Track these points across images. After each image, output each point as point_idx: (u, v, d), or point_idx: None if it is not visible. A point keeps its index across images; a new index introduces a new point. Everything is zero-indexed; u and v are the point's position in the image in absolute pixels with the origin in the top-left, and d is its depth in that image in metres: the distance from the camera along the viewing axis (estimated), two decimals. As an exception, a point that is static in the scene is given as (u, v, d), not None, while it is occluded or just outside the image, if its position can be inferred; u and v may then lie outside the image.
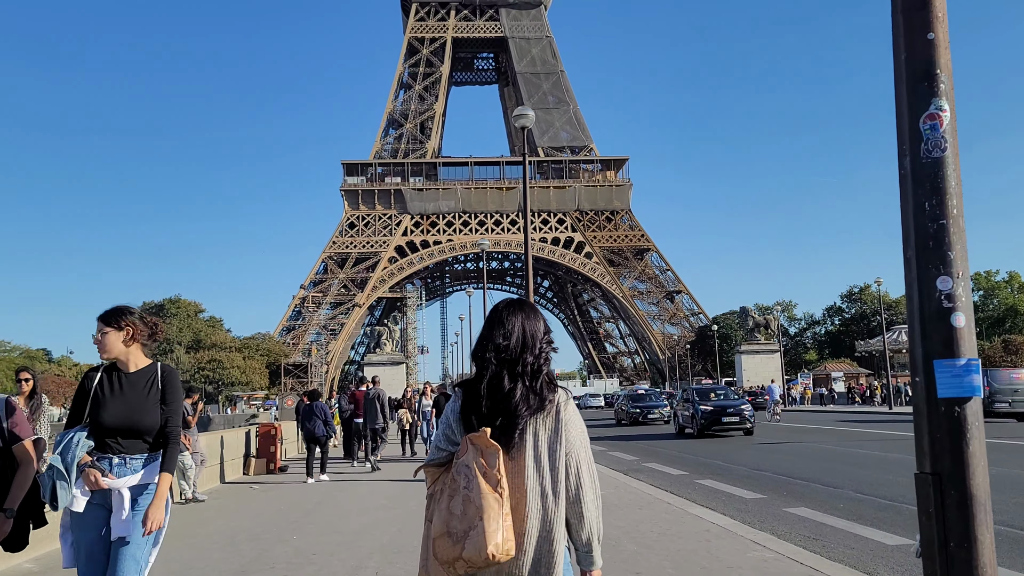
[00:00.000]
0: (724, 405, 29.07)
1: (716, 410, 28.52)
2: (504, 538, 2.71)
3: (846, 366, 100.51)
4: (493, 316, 3.06)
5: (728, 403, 29.41)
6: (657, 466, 19.32)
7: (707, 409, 28.63)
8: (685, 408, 30.39)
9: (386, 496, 13.57)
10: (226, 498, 14.29)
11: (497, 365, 2.94)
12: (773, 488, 14.38)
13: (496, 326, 3.01)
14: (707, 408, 28.72)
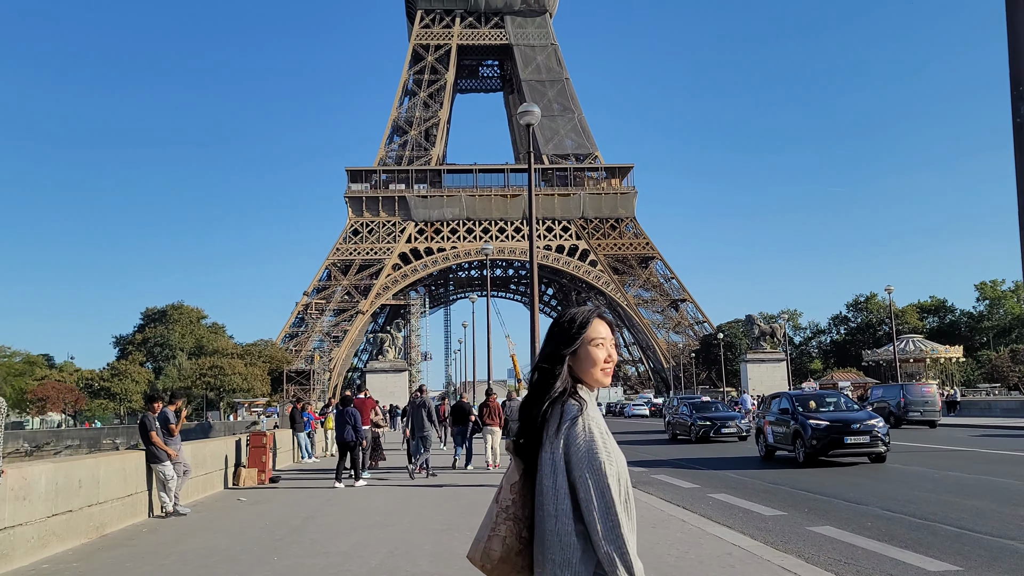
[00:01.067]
0: (845, 419, 20.37)
1: (835, 426, 19.96)
2: (487, 548, 2.74)
3: (853, 376, 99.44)
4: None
5: (850, 416, 20.74)
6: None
7: (821, 424, 20.13)
8: (780, 423, 21.82)
9: (381, 511, 12.71)
10: (210, 511, 13.42)
11: (531, 381, 2.90)
12: (792, 504, 13.51)
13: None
14: (820, 423, 20.19)
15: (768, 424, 22.68)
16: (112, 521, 11.01)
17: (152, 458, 12.28)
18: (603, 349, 2.80)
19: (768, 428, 22.66)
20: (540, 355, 2.88)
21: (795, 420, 20.94)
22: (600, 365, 2.79)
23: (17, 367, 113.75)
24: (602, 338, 2.82)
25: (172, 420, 12.93)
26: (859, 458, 20.59)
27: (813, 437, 20.04)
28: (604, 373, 2.80)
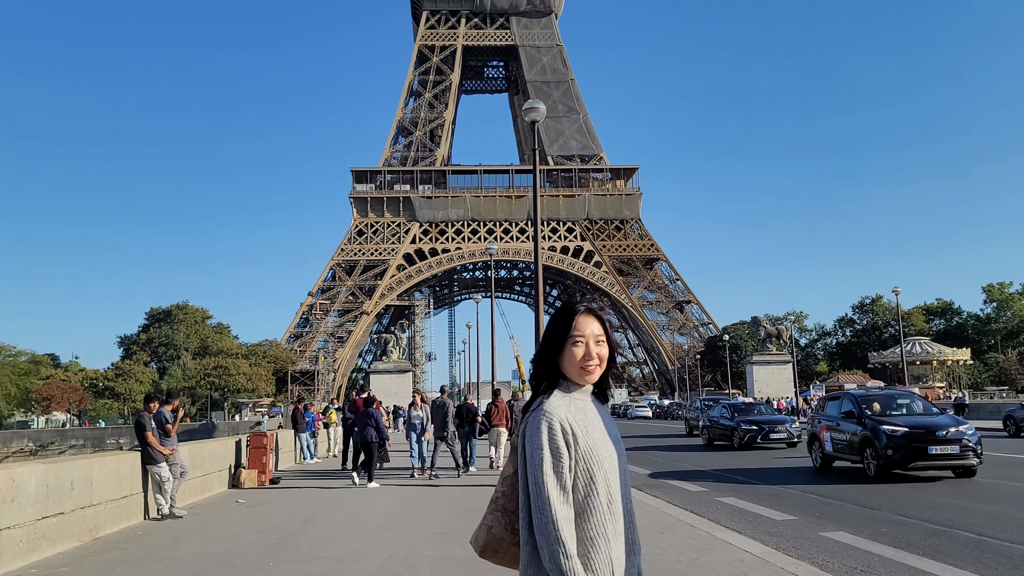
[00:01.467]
0: (928, 425, 17.09)
1: (916, 433, 16.76)
2: (476, 536, 2.85)
3: (859, 378, 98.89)
4: None
5: (933, 422, 17.40)
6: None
7: (898, 432, 16.63)
8: (841, 428, 18.19)
9: (381, 514, 12.41)
10: (207, 514, 13.13)
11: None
12: (803, 508, 13.18)
13: None
14: (897, 429, 16.71)
15: (826, 430, 19.20)
16: (106, 523, 10.74)
17: (148, 459, 12.01)
18: (582, 347, 2.74)
19: (826, 435, 19.20)
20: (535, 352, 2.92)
21: (863, 425, 17.46)
22: (579, 362, 2.73)
23: (22, 366, 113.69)
24: (582, 335, 2.75)
25: (169, 420, 12.63)
26: (943, 471, 17.27)
27: (889, 446, 16.55)
28: (585, 371, 2.73)
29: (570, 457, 2.61)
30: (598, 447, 2.64)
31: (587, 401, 2.77)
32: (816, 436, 19.85)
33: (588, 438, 2.64)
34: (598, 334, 2.77)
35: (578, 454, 2.62)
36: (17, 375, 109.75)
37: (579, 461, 2.61)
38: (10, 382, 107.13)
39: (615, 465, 2.67)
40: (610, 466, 2.65)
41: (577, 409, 2.71)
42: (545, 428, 2.61)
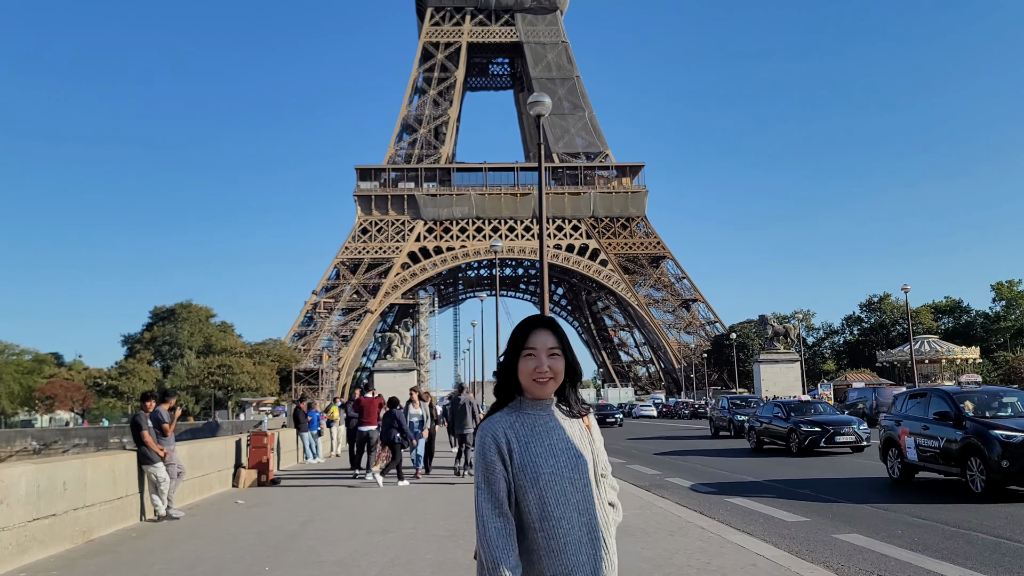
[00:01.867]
0: None
1: None
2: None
3: (867, 376, 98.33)
4: None
5: None
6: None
7: (1016, 438, 13.13)
8: (931, 433, 14.79)
9: (382, 516, 12.11)
10: (205, 515, 12.84)
11: None
12: (815, 509, 12.86)
13: None
14: (1015, 435, 13.20)
15: (908, 434, 15.82)
16: (100, 525, 10.46)
17: (144, 459, 11.73)
18: (533, 360, 2.75)
19: (908, 440, 15.79)
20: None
21: (963, 430, 14.08)
22: (531, 375, 2.75)
23: (26, 365, 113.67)
24: (534, 348, 2.77)
25: (166, 419, 12.34)
26: None
27: (1005, 456, 12.96)
28: (536, 384, 2.74)
29: (507, 471, 2.65)
30: (536, 463, 2.64)
31: (543, 414, 2.77)
32: (894, 441, 16.63)
33: (527, 453, 2.65)
34: (551, 347, 2.77)
35: (514, 469, 2.65)
36: (20, 374, 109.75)
37: (515, 476, 2.64)
38: (13, 381, 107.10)
39: (558, 481, 2.64)
40: (549, 482, 2.63)
41: (524, 424, 2.73)
42: (479, 444, 2.70)
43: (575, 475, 2.68)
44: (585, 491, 2.68)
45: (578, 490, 2.67)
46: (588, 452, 2.77)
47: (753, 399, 36.95)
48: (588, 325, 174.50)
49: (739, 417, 34.01)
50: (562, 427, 2.76)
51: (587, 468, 2.72)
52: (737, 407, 36.83)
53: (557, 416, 2.79)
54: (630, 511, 12.31)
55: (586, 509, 2.66)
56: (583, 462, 2.72)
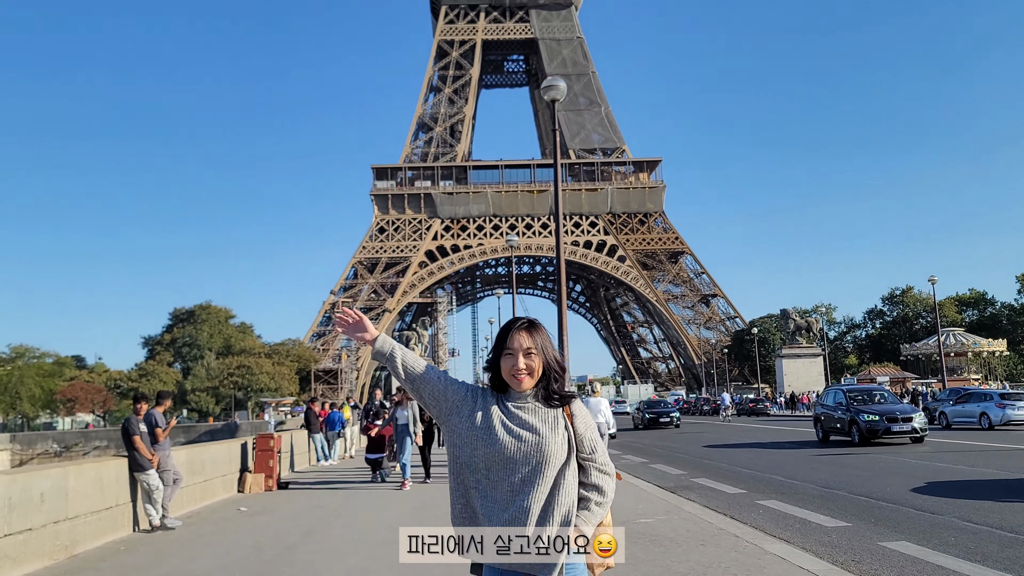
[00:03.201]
0: None
1: None
2: None
3: (891, 370, 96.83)
4: None
5: None
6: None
7: None
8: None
9: (391, 525, 11.30)
10: (203, 524, 12.08)
11: None
12: (856, 513, 11.94)
13: None
14: None
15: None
16: (86, 538, 9.71)
17: (135, 466, 10.98)
18: (510, 359, 3.13)
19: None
20: None
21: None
22: (509, 372, 3.14)
23: (47, 368, 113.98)
24: (511, 349, 3.15)
25: (160, 423, 11.59)
26: None
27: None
28: (515, 379, 3.13)
29: (449, 401, 3.20)
30: (485, 438, 3.07)
31: (522, 404, 3.13)
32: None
33: (485, 426, 3.09)
34: (528, 347, 3.14)
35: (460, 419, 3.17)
36: (41, 377, 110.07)
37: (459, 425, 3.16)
38: (34, 384, 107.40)
39: (509, 459, 3.03)
40: (485, 458, 3.04)
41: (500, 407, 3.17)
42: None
43: (519, 455, 3.02)
44: (535, 468, 3.02)
45: (518, 468, 3.02)
46: (555, 437, 3.07)
47: (878, 391, 27.61)
48: (607, 322, 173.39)
49: (867, 416, 24.47)
50: (531, 412, 3.11)
51: (543, 450, 3.03)
52: (860, 402, 25.85)
53: (532, 405, 3.13)
54: (655, 516, 11.47)
55: (526, 483, 3.01)
56: (542, 443, 3.04)
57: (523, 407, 3.11)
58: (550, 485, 3.01)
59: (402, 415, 16.76)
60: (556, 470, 3.04)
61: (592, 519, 3.09)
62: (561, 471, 3.05)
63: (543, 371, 3.15)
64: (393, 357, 3.19)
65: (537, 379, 3.14)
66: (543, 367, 3.14)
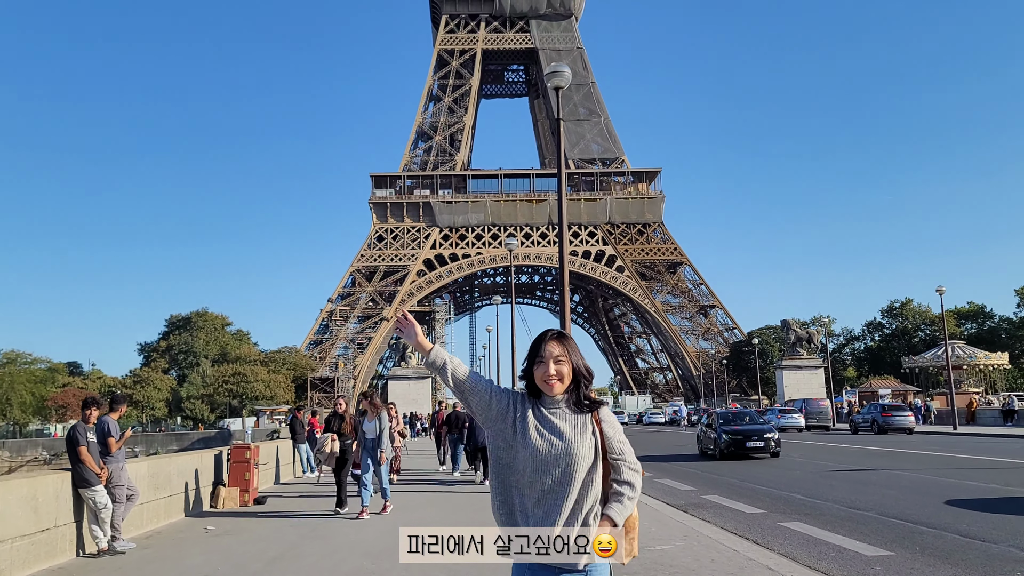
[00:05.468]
0: None
1: None
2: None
3: (892, 383, 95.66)
4: None
5: None
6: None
7: None
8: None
9: (371, 550, 10.00)
10: (160, 546, 10.73)
11: None
12: (894, 539, 10.65)
13: None
14: None
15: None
16: (15, 567, 8.31)
17: (80, 481, 9.66)
18: (542, 366, 3.41)
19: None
20: None
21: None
22: (541, 378, 3.41)
23: (38, 374, 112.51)
24: (543, 357, 3.42)
25: (113, 432, 10.28)
26: None
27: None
28: (546, 385, 3.40)
29: (497, 406, 3.44)
30: (527, 438, 3.34)
31: (555, 409, 3.39)
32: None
33: (525, 427, 3.36)
34: (557, 354, 3.42)
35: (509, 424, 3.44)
36: (33, 383, 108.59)
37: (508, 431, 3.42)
38: (26, 390, 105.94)
39: (542, 461, 3.29)
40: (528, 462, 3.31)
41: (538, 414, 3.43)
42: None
43: (551, 458, 3.28)
44: (565, 470, 3.27)
45: (550, 470, 3.28)
46: (584, 441, 3.32)
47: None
48: (605, 332, 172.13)
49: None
50: (563, 419, 3.37)
51: (571, 454, 3.28)
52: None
53: (563, 410, 3.39)
54: (672, 542, 10.19)
55: (557, 484, 3.27)
56: (571, 447, 3.29)
57: (555, 412, 3.38)
58: (579, 487, 3.26)
59: (369, 428, 13.83)
60: (584, 472, 3.28)
61: (624, 511, 3.32)
62: (589, 473, 3.29)
63: (573, 377, 3.42)
64: (445, 368, 3.41)
65: (567, 385, 3.42)
66: (572, 373, 3.42)
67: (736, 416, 29.89)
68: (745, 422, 28.47)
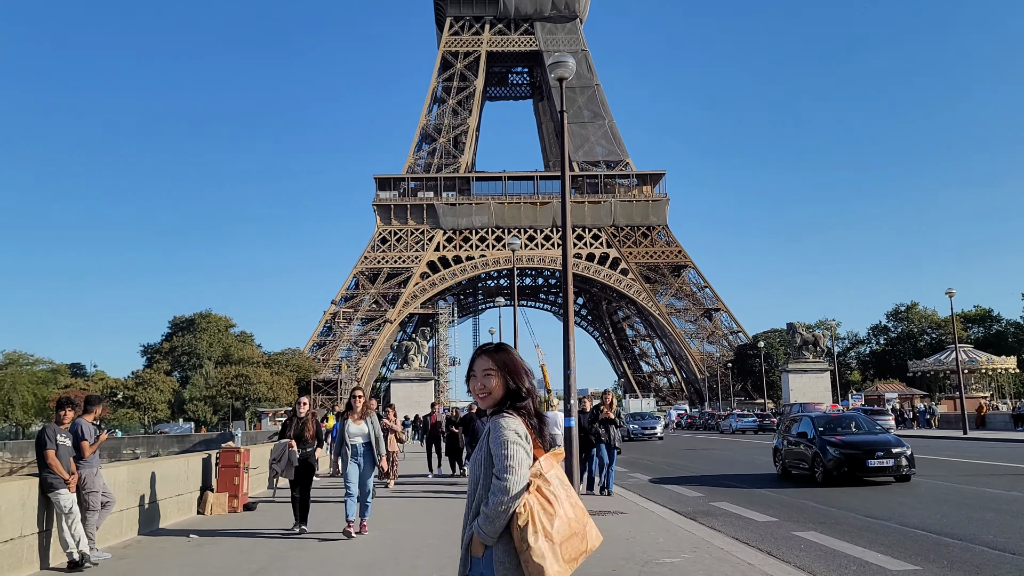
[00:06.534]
0: None
1: None
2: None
3: (897, 387, 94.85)
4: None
5: None
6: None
7: None
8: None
9: (360, 561, 9.38)
10: (137, 558, 10.07)
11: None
12: (918, 551, 9.97)
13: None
14: None
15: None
16: (-27, 580, 7.79)
17: (47, 486, 9.08)
18: (473, 380, 3.49)
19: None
20: None
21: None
22: (473, 392, 3.49)
23: (40, 375, 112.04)
24: (473, 371, 3.50)
25: (87, 435, 9.66)
26: None
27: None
28: (477, 399, 3.48)
29: None
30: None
31: (487, 420, 3.45)
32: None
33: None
34: (486, 368, 3.44)
35: None
36: (35, 384, 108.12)
37: None
38: (27, 391, 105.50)
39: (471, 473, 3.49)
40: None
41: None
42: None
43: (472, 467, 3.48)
44: (471, 484, 3.43)
45: (470, 481, 3.46)
46: (481, 453, 3.45)
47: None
48: (609, 335, 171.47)
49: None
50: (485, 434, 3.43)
51: (478, 464, 3.41)
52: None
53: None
54: (681, 554, 9.55)
55: (471, 494, 3.43)
56: (480, 458, 3.40)
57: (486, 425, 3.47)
58: (475, 500, 3.36)
59: (357, 432, 11.55)
60: (477, 486, 3.37)
61: (479, 533, 3.28)
62: (483, 488, 3.34)
63: (506, 392, 3.41)
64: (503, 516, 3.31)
65: (498, 399, 3.41)
66: (504, 387, 3.42)
67: (840, 421, 20.69)
68: (853, 430, 19.71)
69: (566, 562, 3.20)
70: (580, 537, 3.26)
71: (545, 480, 3.29)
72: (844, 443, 18.40)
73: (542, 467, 3.32)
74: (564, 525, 3.22)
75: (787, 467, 20.68)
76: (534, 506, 3.22)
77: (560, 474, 3.36)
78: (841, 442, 18.46)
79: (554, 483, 3.30)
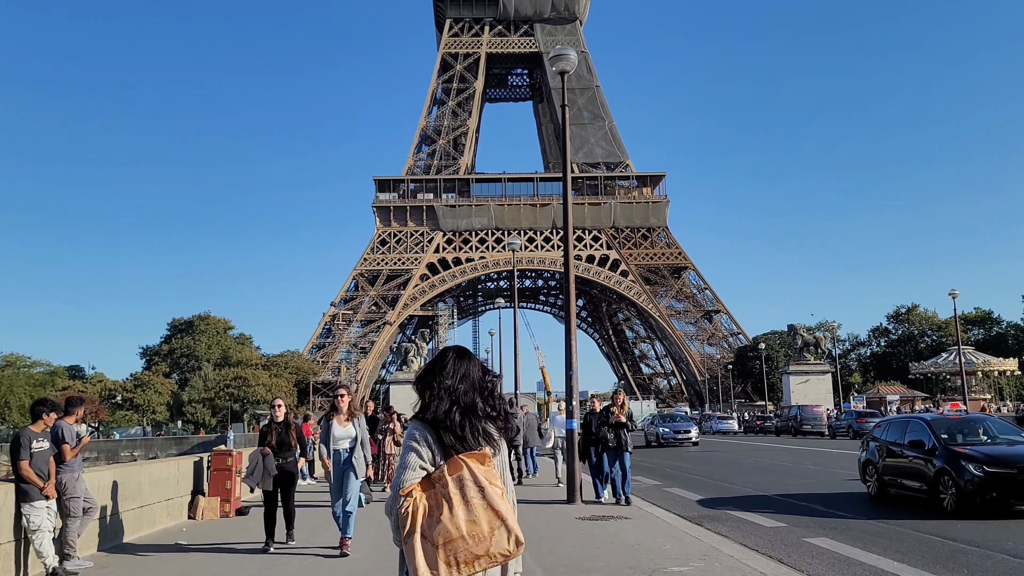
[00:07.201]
0: None
1: None
2: (520, 532, 3.31)
3: (899, 388, 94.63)
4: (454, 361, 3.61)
5: None
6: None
7: None
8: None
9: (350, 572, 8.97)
10: (122, 564, 9.61)
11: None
12: (936, 559, 9.55)
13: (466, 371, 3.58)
14: None
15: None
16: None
17: (20, 494, 8.64)
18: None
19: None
20: None
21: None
22: None
23: (37, 377, 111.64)
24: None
25: (68, 438, 9.24)
26: None
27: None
28: None
29: None
30: None
31: None
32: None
33: None
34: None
35: None
36: (32, 386, 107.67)
37: None
38: (24, 393, 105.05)
39: None
40: None
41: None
42: None
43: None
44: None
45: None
46: None
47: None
48: (608, 337, 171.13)
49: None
50: None
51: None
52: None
53: None
54: (690, 563, 9.14)
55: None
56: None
57: None
58: None
59: (343, 435, 10.51)
60: None
61: None
62: None
63: (420, 400, 3.55)
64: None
65: (416, 407, 3.57)
66: (420, 397, 3.56)
67: (964, 426, 15.15)
68: (983, 438, 14.53)
69: (450, 564, 3.12)
70: (477, 539, 3.14)
71: (445, 481, 3.22)
72: (989, 457, 13.08)
73: (446, 469, 3.25)
74: (450, 527, 3.14)
75: (885, 485, 15.69)
76: (419, 506, 3.20)
77: (475, 475, 3.23)
78: (984, 456, 13.14)
79: (452, 485, 3.21)
